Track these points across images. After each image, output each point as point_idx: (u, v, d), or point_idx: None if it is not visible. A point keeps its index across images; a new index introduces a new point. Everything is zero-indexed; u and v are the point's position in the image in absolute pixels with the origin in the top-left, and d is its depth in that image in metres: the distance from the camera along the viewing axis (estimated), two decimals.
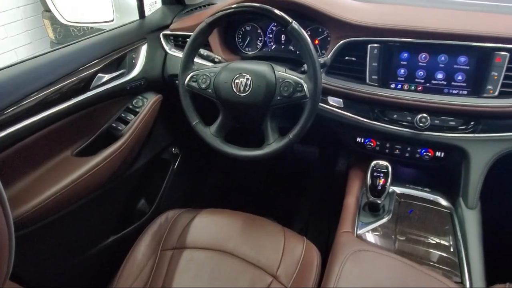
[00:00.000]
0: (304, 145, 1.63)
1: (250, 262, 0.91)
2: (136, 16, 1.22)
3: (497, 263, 0.93)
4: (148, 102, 1.19)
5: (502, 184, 1.12)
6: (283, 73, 0.93)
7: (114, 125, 1.13)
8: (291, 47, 1.21)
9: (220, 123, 1.00)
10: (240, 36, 1.25)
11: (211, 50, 1.16)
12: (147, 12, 1.24)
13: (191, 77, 0.99)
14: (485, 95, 0.90)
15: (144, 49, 1.19)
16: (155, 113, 1.22)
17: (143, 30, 1.20)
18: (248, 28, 1.24)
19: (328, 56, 1.01)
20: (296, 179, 1.85)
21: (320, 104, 1.02)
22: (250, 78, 0.92)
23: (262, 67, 0.93)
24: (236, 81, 0.93)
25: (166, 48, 1.26)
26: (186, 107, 1.01)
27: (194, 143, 1.31)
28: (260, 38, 1.23)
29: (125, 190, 1.25)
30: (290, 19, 0.87)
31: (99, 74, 1.03)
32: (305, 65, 0.92)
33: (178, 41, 1.25)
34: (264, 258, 0.91)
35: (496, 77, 0.88)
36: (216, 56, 1.11)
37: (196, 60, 1.08)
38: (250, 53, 1.25)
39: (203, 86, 0.97)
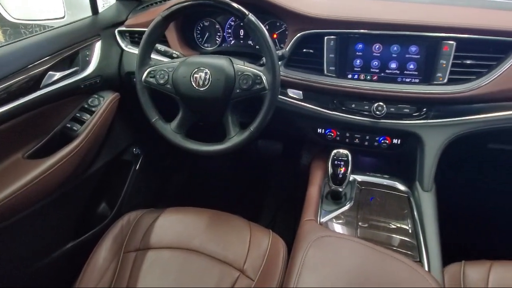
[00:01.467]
0: (267, 141, 1.64)
1: (216, 258, 0.90)
2: (89, 13, 1.18)
3: (452, 243, 0.98)
4: (104, 101, 1.15)
5: (454, 167, 1.18)
6: (242, 66, 0.92)
7: (68, 125, 1.08)
8: (249, 42, 1.21)
9: (180, 119, 0.99)
10: (198, 31, 1.24)
11: (169, 46, 1.14)
12: (101, 8, 1.20)
13: (149, 72, 0.96)
14: (435, 82, 0.94)
15: (98, 46, 1.15)
16: (113, 112, 1.18)
17: (97, 26, 1.16)
18: (206, 24, 1.22)
19: (286, 49, 1.02)
20: (261, 175, 1.85)
21: (280, 96, 1.03)
22: (208, 72, 0.91)
23: (221, 61, 0.93)
24: (195, 75, 0.92)
25: (122, 45, 1.22)
26: (144, 104, 0.98)
27: (156, 143, 1.28)
28: (218, 34, 1.22)
29: (83, 193, 1.20)
30: (246, 12, 0.87)
31: (50, 72, 0.99)
32: (264, 58, 0.92)
33: (134, 38, 1.22)
34: (231, 253, 0.90)
35: (444, 65, 0.92)
36: (174, 52, 1.08)
37: (154, 56, 1.05)
38: (209, 48, 1.24)
39: (161, 81, 0.95)
